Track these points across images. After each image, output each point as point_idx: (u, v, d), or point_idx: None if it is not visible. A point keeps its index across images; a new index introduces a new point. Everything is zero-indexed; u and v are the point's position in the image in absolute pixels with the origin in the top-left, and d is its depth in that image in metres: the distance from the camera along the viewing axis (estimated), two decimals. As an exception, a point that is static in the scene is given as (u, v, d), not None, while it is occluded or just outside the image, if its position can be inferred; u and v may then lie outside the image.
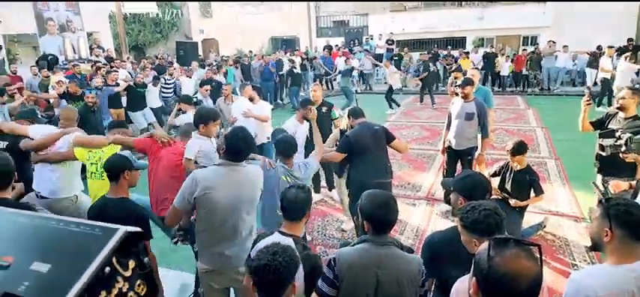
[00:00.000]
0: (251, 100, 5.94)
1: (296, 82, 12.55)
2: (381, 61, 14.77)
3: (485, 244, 1.32)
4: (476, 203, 1.87)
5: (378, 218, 1.95)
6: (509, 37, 17.60)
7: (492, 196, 3.94)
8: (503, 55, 14.44)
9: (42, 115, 6.46)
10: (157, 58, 13.51)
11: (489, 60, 14.33)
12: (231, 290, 2.83)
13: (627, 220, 1.66)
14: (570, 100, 12.33)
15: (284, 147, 3.34)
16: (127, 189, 2.83)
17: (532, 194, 4.23)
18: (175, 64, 11.72)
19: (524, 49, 15.26)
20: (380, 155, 3.98)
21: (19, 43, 12.77)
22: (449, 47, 16.48)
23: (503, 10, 17.75)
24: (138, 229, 0.73)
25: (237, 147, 2.53)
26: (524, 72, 13.99)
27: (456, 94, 5.32)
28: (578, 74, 14.30)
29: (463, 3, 18.93)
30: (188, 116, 6.03)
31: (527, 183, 4.18)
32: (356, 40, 18.95)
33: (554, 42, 14.20)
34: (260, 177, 2.68)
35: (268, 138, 5.70)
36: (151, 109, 8.91)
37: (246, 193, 2.57)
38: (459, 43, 18.04)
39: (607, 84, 10.80)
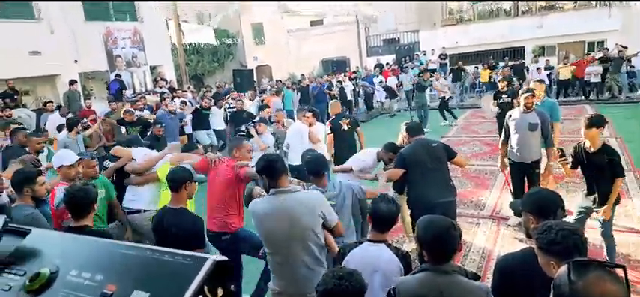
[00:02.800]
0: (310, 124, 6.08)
1: (342, 102, 12.76)
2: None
3: (564, 268, 1.25)
4: (553, 223, 1.76)
5: (435, 249, 1.88)
6: (572, 44, 16.57)
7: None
8: (566, 64, 13.58)
9: (106, 148, 7.15)
10: (216, 86, 14.26)
11: (515, 71, 13.44)
12: None
13: None
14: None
15: (311, 167, 3.21)
16: (186, 199, 3.04)
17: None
18: (233, 92, 12.30)
19: (587, 54, 14.26)
20: (439, 173, 3.81)
21: (93, 80, 13.99)
22: (506, 58, 15.82)
23: (564, 17, 16.87)
24: (225, 258, 0.76)
25: (268, 169, 2.62)
26: (591, 79, 12.99)
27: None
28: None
29: (520, 12, 18.17)
30: (266, 138, 6.32)
31: (606, 164, 3.55)
32: (407, 57, 18.77)
33: (624, 46, 13.15)
34: (318, 203, 2.62)
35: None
36: (215, 131, 9.50)
37: (303, 219, 2.53)
38: (517, 53, 17.27)
39: None
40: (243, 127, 6.76)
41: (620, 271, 1.18)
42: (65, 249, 0.87)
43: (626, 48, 13.09)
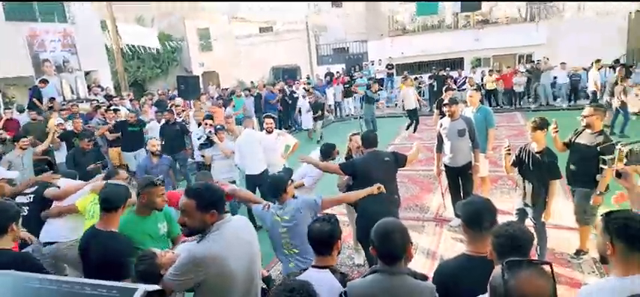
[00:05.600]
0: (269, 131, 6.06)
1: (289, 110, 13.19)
2: (382, 85, 14.81)
3: (499, 268, 1.35)
4: (507, 222, 1.88)
5: (384, 250, 1.92)
6: (505, 57, 17.83)
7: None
8: (491, 75, 14.39)
9: (39, 159, 6.50)
10: (159, 94, 13.57)
11: (437, 82, 14.38)
12: None
13: (626, 233, 1.68)
14: (567, 114, 12.36)
15: (269, 188, 3.28)
16: (118, 222, 2.75)
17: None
18: (178, 99, 11.79)
19: (508, 67, 15.37)
20: (388, 187, 3.83)
21: (15, 87, 12.75)
22: (448, 69, 16.66)
23: (498, 31, 18.16)
24: (157, 287, 0.70)
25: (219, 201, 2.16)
26: (518, 89, 14.10)
27: (442, 115, 5.38)
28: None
29: (460, 26, 19.26)
30: (228, 144, 6.08)
31: (545, 165, 3.88)
32: (357, 66, 19.15)
33: (547, 58, 14.40)
34: (250, 224, 2.38)
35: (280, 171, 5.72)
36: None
37: (255, 245, 2.26)
38: (457, 64, 18.27)
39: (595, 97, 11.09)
40: (204, 135, 6.41)
41: (547, 268, 1.31)
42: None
43: (547, 59, 14.31)
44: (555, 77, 14.17)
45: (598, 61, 11.97)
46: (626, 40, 16.29)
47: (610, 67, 12.57)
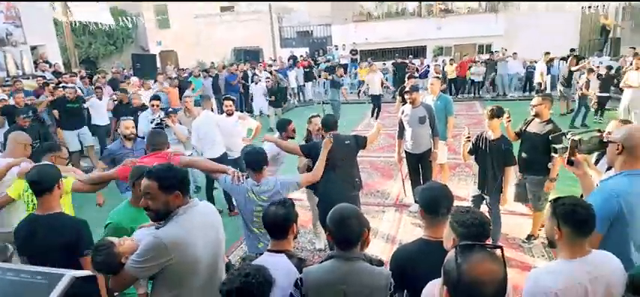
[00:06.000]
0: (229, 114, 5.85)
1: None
2: (346, 71, 14.80)
3: (452, 252, 1.37)
4: (464, 209, 1.90)
5: (339, 235, 1.92)
6: (465, 46, 18.38)
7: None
8: (452, 64, 14.81)
9: None
10: (112, 72, 12.84)
11: (398, 70, 14.83)
12: None
13: (572, 219, 1.76)
14: (522, 104, 12.94)
15: (249, 159, 3.09)
16: (59, 201, 2.55)
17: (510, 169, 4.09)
18: (133, 78, 11.21)
19: (465, 55, 15.85)
20: (349, 170, 3.96)
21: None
22: (410, 56, 16.93)
23: (460, 21, 18.60)
24: (87, 272, 0.62)
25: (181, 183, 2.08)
26: (477, 78, 14.53)
27: (404, 102, 5.45)
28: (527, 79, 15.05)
29: (422, 14, 19.58)
30: (180, 127, 5.84)
31: (501, 152, 4.03)
32: (320, 50, 19.03)
33: (505, 49, 14.97)
34: (215, 210, 2.36)
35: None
36: (98, 126, 8.22)
37: (221, 231, 2.25)
38: (419, 51, 18.60)
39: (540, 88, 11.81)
40: (156, 118, 6.04)
41: (499, 252, 1.34)
42: None
43: (506, 50, 14.90)
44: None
45: (547, 53, 12.59)
46: (579, 34, 17.28)
47: (562, 59, 13.20)
